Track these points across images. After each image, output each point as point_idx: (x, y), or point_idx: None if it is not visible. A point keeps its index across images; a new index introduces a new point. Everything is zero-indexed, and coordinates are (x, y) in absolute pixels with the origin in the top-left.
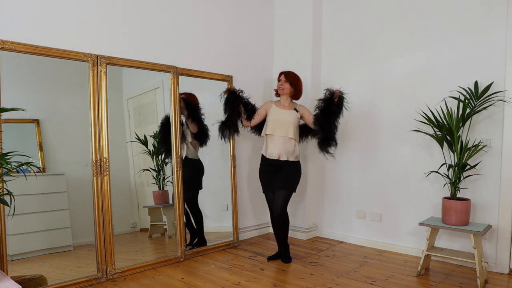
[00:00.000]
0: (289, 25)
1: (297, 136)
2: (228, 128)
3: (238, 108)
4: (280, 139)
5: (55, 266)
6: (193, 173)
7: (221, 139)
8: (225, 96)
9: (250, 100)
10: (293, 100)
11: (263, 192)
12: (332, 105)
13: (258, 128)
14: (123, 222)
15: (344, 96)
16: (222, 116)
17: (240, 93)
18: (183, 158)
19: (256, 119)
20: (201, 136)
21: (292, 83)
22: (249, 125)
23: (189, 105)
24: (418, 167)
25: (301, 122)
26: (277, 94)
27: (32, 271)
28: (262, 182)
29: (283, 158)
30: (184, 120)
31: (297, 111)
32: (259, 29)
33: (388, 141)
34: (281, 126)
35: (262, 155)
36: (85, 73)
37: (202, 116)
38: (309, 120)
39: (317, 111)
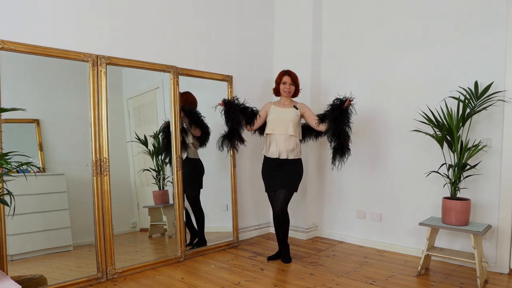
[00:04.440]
0: (289, 25)
1: (298, 134)
2: (232, 140)
3: (239, 118)
4: (280, 137)
5: (55, 266)
6: (193, 172)
7: (225, 149)
8: (223, 109)
9: (247, 104)
10: (293, 98)
11: (265, 191)
12: (341, 112)
13: (261, 130)
14: (123, 222)
15: (352, 105)
16: (222, 117)
17: (236, 101)
18: (184, 158)
19: (258, 122)
20: (204, 138)
21: (296, 84)
22: (252, 129)
23: (189, 113)
24: (418, 167)
25: (303, 121)
26: (277, 94)
27: (32, 271)
28: (264, 181)
29: (283, 156)
30: (185, 126)
31: (296, 109)
32: (259, 29)
33: (388, 141)
34: (281, 124)
35: (264, 154)
36: (85, 73)
37: (202, 117)
38: (311, 120)
39: (328, 120)
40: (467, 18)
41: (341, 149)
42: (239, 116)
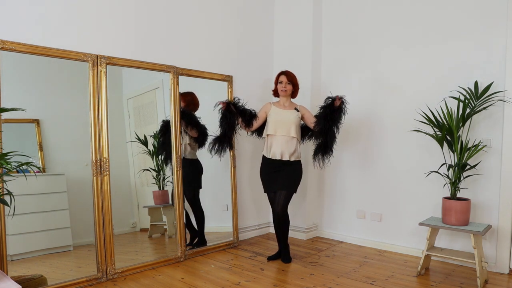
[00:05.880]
0: (289, 25)
1: (299, 136)
2: (222, 144)
3: (234, 123)
4: (282, 139)
5: (55, 266)
6: (193, 172)
7: (211, 152)
8: (221, 111)
9: (246, 107)
10: (292, 100)
11: (265, 191)
12: (333, 111)
13: (259, 131)
14: (123, 222)
15: (344, 102)
16: (219, 116)
17: (238, 103)
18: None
19: (257, 123)
20: (202, 139)
21: (293, 83)
22: (250, 130)
23: (184, 115)
24: (418, 167)
25: (301, 123)
26: (276, 95)
27: (32, 271)
28: (263, 181)
29: (286, 158)
30: (182, 129)
31: (297, 111)
32: (259, 29)
33: (388, 141)
34: (283, 125)
35: (263, 155)
36: (85, 73)
37: (199, 118)
38: (309, 121)
39: (318, 116)
40: (467, 18)
41: (324, 148)
42: (235, 121)
